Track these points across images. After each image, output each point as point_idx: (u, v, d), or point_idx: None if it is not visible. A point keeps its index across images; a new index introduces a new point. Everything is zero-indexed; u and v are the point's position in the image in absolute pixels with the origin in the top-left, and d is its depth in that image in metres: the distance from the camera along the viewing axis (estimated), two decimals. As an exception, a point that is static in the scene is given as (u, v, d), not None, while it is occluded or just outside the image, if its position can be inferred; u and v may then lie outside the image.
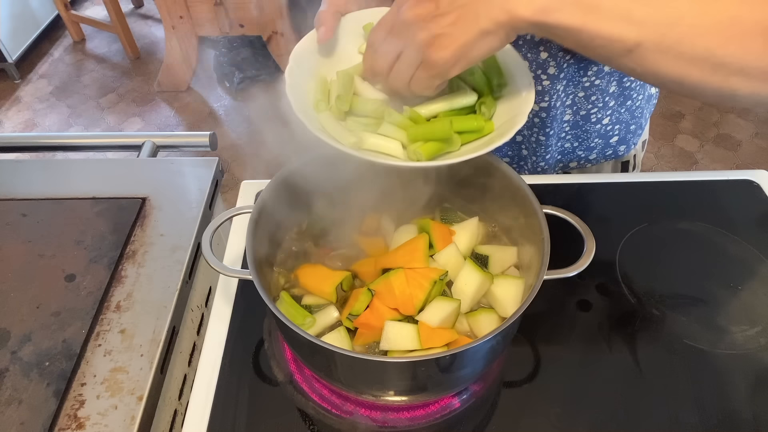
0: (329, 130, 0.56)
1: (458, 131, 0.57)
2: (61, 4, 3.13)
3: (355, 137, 0.54)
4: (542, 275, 0.55)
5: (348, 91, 0.59)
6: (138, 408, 0.61)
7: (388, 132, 0.57)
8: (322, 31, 0.60)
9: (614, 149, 0.90)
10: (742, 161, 2.43)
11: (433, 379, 0.57)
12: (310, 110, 0.57)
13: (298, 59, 0.59)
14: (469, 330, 0.62)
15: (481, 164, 0.67)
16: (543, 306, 0.67)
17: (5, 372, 0.64)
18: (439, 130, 0.55)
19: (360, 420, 0.61)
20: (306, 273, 0.66)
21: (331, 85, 0.61)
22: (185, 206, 0.83)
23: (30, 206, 0.84)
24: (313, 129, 0.53)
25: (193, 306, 0.80)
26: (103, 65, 3.14)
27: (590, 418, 0.61)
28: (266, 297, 0.53)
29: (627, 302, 0.71)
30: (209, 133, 1.04)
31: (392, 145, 0.56)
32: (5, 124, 2.78)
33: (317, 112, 0.58)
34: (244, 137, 2.61)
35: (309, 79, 0.60)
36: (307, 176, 0.66)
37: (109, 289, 0.72)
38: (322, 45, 0.61)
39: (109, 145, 1.06)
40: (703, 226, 0.80)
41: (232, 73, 2.86)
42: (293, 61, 0.58)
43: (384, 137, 0.56)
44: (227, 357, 0.67)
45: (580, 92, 0.80)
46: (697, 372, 0.64)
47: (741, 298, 0.71)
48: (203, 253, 0.60)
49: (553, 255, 0.56)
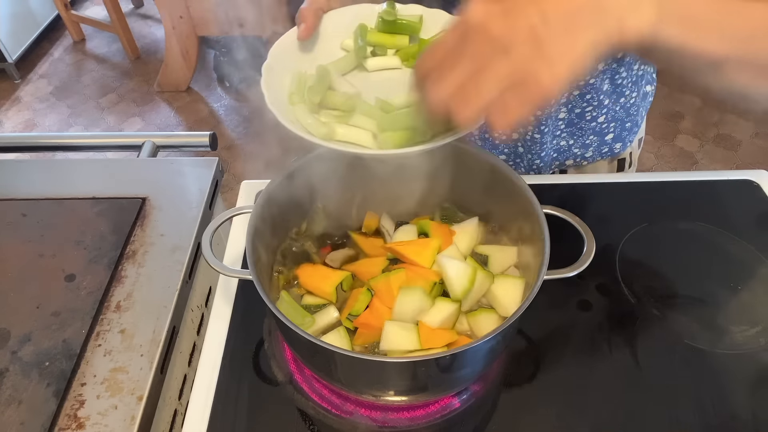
0: (302, 122, 0.56)
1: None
2: (61, 4, 3.13)
3: (326, 128, 0.54)
4: (542, 275, 0.54)
5: (323, 83, 0.59)
6: (138, 408, 0.61)
7: (359, 122, 0.56)
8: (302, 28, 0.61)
9: (610, 147, 0.90)
10: (742, 161, 2.43)
11: (433, 379, 0.57)
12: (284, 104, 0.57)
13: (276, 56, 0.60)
14: (469, 330, 0.62)
15: (482, 164, 0.67)
16: (543, 306, 0.67)
17: (5, 372, 0.64)
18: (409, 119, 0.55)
19: (360, 420, 0.61)
20: (306, 273, 0.66)
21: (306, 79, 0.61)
22: (185, 206, 0.83)
23: (30, 206, 0.84)
24: (284, 120, 0.53)
25: (193, 306, 0.80)
26: (103, 65, 3.14)
27: (590, 418, 0.61)
28: (266, 297, 0.53)
29: (627, 302, 0.71)
30: (209, 133, 1.04)
31: (363, 135, 0.55)
32: (5, 124, 2.78)
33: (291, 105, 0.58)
34: (244, 137, 2.61)
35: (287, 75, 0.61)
36: (307, 176, 0.66)
37: (109, 289, 0.72)
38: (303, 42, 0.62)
39: (109, 145, 1.06)
40: (703, 226, 0.80)
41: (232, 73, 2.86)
42: (271, 58, 0.59)
43: (355, 128, 0.56)
44: (227, 357, 0.67)
45: (574, 90, 0.80)
46: (697, 372, 0.64)
47: (741, 298, 0.71)
48: (203, 253, 0.60)
49: (553, 255, 0.56)
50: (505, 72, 0.39)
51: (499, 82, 0.39)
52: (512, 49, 0.38)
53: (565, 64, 0.39)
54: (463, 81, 0.40)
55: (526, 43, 0.38)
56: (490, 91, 0.40)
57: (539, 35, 0.38)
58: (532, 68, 0.38)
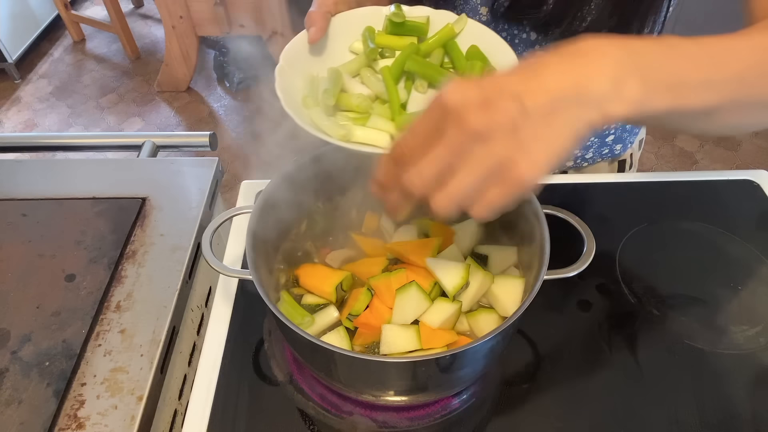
0: (319, 124, 0.56)
1: None
2: (61, 4, 3.13)
3: (344, 130, 0.55)
4: (542, 275, 0.55)
5: (336, 86, 0.59)
6: (138, 408, 0.61)
7: (377, 124, 0.57)
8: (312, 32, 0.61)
9: (610, 148, 0.90)
10: (742, 161, 2.43)
11: (433, 379, 0.57)
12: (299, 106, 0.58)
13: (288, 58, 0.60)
14: (469, 330, 0.62)
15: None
16: (543, 306, 0.67)
17: (5, 372, 0.64)
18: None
19: (360, 420, 0.61)
20: (306, 273, 0.66)
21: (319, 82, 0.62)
22: (185, 206, 0.83)
23: (30, 206, 0.84)
24: (302, 123, 0.53)
25: (193, 306, 0.80)
26: (103, 65, 3.14)
27: (590, 418, 0.61)
28: (266, 297, 0.53)
29: (627, 302, 0.71)
30: (209, 133, 1.04)
31: (381, 137, 0.56)
32: (5, 124, 2.78)
33: (306, 108, 0.58)
34: (244, 137, 2.61)
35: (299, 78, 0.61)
36: (307, 176, 0.66)
37: (109, 289, 0.72)
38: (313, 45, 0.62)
39: (109, 145, 1.06)
40: (703, 226, 0.80)
41: (232, 73, 2.86)
42: (284, 60, 0.60)
43: (373, 129, 0.56)
44: (227, 357, 0.67)
45: None
46: (697, 372, 0.64)
47: (741, 298, 0.71)
48: (203, 253, 0.60)
49: (553, 255, 0.56)
50: (483, 163, 0.38)
51: (477, 173, 0.39)
52: (491, 140, 0.37)
53: (545, 154, 0.38)
54: (441, 168, 0.39)
55: (505, 136, 0.37)
56: (467, 181, 0.39)
57: (518, 127, 0.37)
58: (512, 160, 0.38)
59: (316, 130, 0.54)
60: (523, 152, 0.38)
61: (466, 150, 0.38)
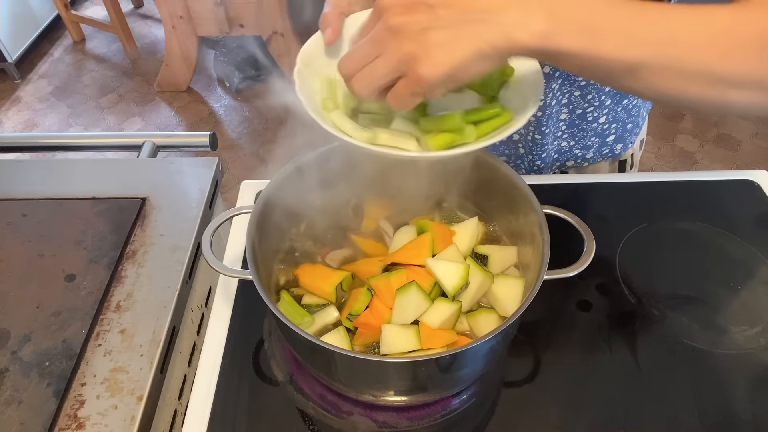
0: (342, 127, 0.56)
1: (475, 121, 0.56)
2: (61, 4, 3.13)
3: (369, 132, 0.54)
4: (542, 275, 0.55)
5: None
6: (138, 408, 0.61)
7: (401, 126, 0.57)
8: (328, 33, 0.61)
9: (611, 148, 0.90)
10: (742, 161, 2.43)
11: (433, 379, 0.57)
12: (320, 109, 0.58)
13: (305, 60, 0.59)
14: (469, 330, 0.62)
15: (482, 164, 0.67)
16: (543, 306, 0.68)
17: (5, 372, 0.64)
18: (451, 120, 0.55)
19: (360, 420, 0.61)
20: (306, 273, 0.66)
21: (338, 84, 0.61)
22: (185, 206, 0.83)
23: (30, 206, 0.84)
24: (328, 127, 0.53)
25: (193, 306, 0.80)
26: (103, 65, 3.14)
27: (590, 418, 0.61)
28: (266, 297, 0.53)
29: (627, 302, 0.71)
30: (209, 133, 1.04)
31: (406, 139, 0.56)
32: (5, 124, 2.78)
33: (326, 111, 0.58)
34: (244, 137, 2.61)
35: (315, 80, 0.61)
36: (307, 176, 0.66)
37: (109, 289, 0.72)
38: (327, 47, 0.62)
39: (109, 145, 1.06)
40: (703, 226, 0.80)
41: (232, 73, 2.86)
42: (301, 63, 0.59)
43: (397, 132, 0.56)
44: (227, 357, 0.67)
45: (575, 91, 0.80)
46: (697, 372, 0.64)
47: (741, 298, 0.71)
48: (203, 253, 0.60)
49: (553, 255, 0.56)
50: (393, 55, 0.45)
51: (388, 64, 0.45)
52: (402, 37, 0.44)
53: (444, 64, 0.43)
54: (364, 56, 0.46)
55: (415, 35, 0.43)
56: (380, 70, 0.46)
57: (427, 30, 0.43)
58: (416, 57, 0.43)
59: (340, 133, 0.53)
60: (426, 53, 0.43)
61: (382, 43, 0.45)
